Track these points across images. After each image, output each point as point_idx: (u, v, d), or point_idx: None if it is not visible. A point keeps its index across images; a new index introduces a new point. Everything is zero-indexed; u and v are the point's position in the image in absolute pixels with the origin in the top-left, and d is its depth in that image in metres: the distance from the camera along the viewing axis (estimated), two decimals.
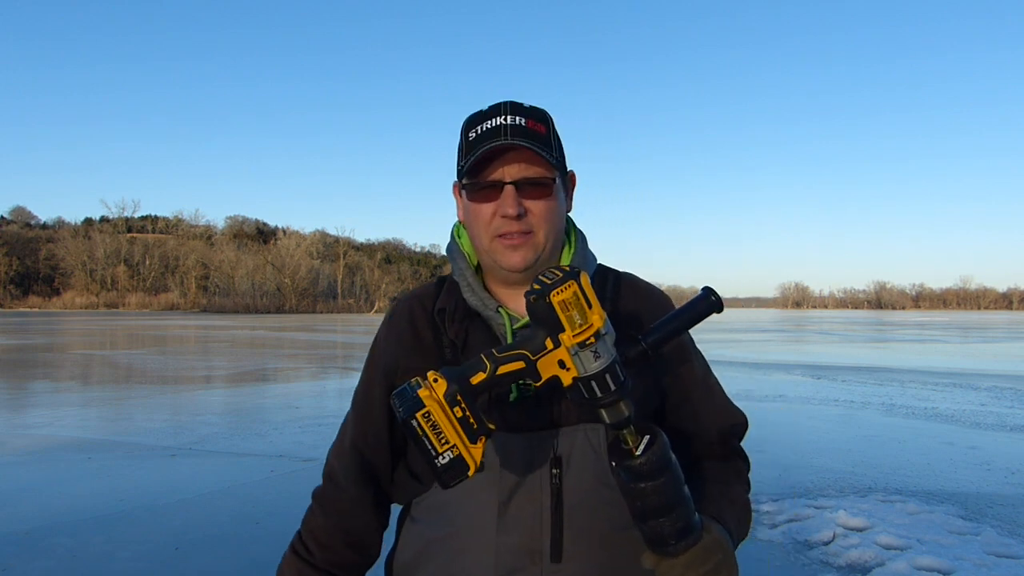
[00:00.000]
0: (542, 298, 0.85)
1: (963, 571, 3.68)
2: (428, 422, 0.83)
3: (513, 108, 1.10)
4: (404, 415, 0.83)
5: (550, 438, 1.07)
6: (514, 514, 1.05)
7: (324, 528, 1.22)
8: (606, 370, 0.87)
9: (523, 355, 0.88)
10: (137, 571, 3.71)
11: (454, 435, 0.84)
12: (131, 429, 7.81)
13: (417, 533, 1.15)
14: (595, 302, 0.86)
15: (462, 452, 0.84)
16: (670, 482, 0.90)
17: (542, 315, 0.86)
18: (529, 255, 1.10)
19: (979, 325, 49.94)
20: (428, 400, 0.83)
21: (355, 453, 1.22)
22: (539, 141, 1.08)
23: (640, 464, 0.89)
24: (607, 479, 1.05)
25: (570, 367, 0.88)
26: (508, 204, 1.07)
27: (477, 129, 1.09)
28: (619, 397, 0.88)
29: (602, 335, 0.87)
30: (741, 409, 1.28)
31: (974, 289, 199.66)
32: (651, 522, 0.91)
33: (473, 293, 1.15)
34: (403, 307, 1.23)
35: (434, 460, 0.84)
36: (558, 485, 1.05)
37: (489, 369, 0.87)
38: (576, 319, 0.85)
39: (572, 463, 1.06)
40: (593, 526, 1.06)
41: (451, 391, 0.84)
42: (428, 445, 0.83)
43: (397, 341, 1.19)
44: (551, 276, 0.87)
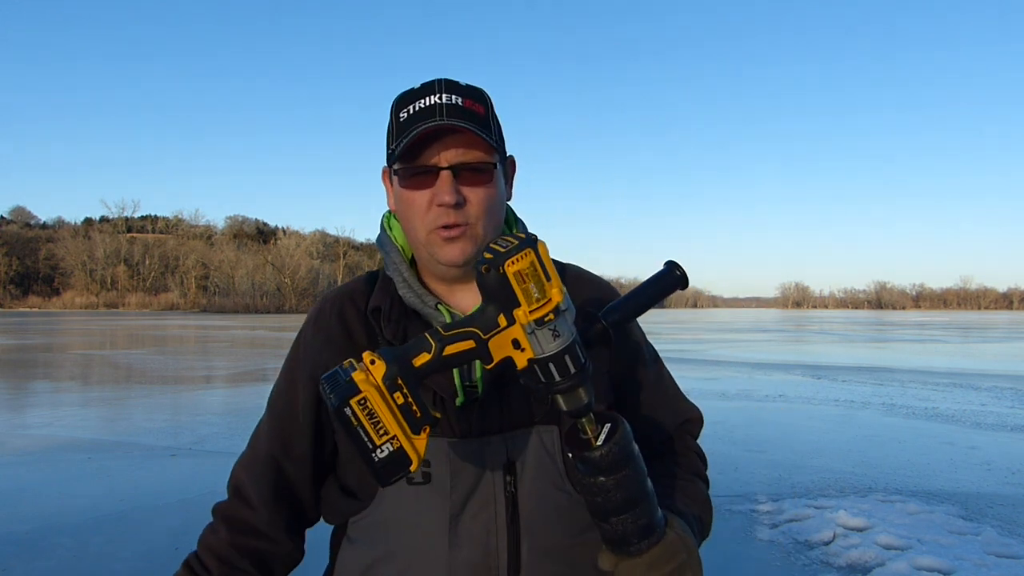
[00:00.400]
0: (495, 268, 0.75)
1: (963, 571, 3.68)
2: (364, 410, 0.72)
3: (448, 86, 1.00)
4: (336, 402, 0.72)
5: (501, 443, 0.98)
6: (466, 527, 0.97)
7: (227, 545, 1.08)
8: (565, 351, 0.78)
9: (473, 333, 0.78)
10: (137, 571, 3.71)
11: (394, 425, 0.74)
12: (131, 429, 7.81)
13: (356, 555, 1.04)
14: (554, 275, 0.77)
15: (403, 444, 0.74)
16: (632, 476, 0.82)
17: (494, 288, 0.76)
18: (468, 248, 1.00)
19: (979, 325, 49.95)
20: (364, 384, 0.72)
21: (271, 467, 1.09)
22: (477, 122, 0.98)
23: (600, 456, 0.81)
24: (563, 485, 1.00)
25: (525, 347, 0.78)
26: (445, 191, 0.97)
27: (409, 109, 0.99)
28: (579, 382, 0.80)
29: (562, 311, 0.77)
30: (696, 405, 1.21)
31: (974, 289, 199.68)
32: (612, 519, 0.83)
33: (410, 289, 1.06)
34: (332, 305, 1.11)
35: (371, 454, 0.73)
36: (512, 493, 0.97)
37: (435, 349, 0.77)
38: (533, 292, 0.75)
39: (526, 469, 0.99)
40: (551, 536, 0.99)
41: (391, 374, 0.74)
42: (364, 437, 0.73)
43: (326, 341, 1.07)
44: (505, 244, 0.76)
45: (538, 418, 1.01)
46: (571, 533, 1.00)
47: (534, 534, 0.98)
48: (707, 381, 12.11)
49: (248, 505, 1.09)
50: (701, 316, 78.34)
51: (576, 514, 1.00)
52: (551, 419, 1.01)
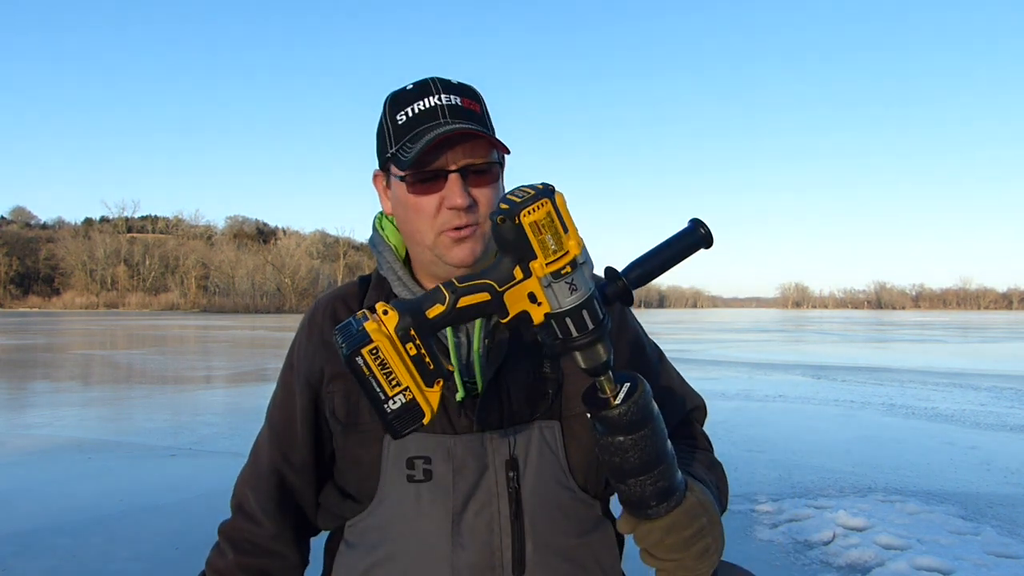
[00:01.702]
0: (510, 219, 0.72)
1: (963, 571, 3.68)
2: (376, 360, 0.70)
3: (444, 86, 0.98)
4: (347, 351, 0.70)
5: (503, 438, 0.97)
6: (469, 525, 0.95)
7: (235, 567, 1.08)
8: (583, 305, 0.75)
9: (488, 285, 0.75)
10: (137, 571, 3.71)
11: (406, 376, 0.72)
12: (131, 429, 7.81)
13: (355, 559, 1.02)
14: (572, 226, 0.74)
15: (415, 396, 0.72)
16: (651, 436, 0.80)
17: (510, 239, 0.73)
18: (477, 248, 1.00)
19: (979, 325, 49.94)
20: (376, 334, 0.70)
21: (273, 478, 1.09)
22: (477, 122, 0.98)
23: (620, 415, 0.78)
24: (566, 481, 0.99)
25: (542, 301, 0.76)
26: (457, 195, 0.96)
27: (407, 111, 0.97)
28: (597, 336, 0.77)
29: (579, 264, 0.75)
30: (699, 393, 1.21)
31: (974, 289, 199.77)
32: (629, 480, 0.80)
33: (405, 288, 1.05)
34: (325, 309, 1.10)
35: (383, 404, 0.72)
36: (516, 489, 0.96)
37: (448, 301, 0.74)
38: (550, 244, 0.73)
39: (529, 464, 0.97)
40: (555, 533, 0.98)
41: (403, 324, 0.72)
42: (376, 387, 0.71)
43: (320, 345, 1.07)
44: (521, 194, 0.74)
45: (539, 413, 1.00)
46: (575, 531, 0.99)
47: (538, 531, 0.97)
48: (707, 381, 12.11)
49: (253, 521, 1.09)
50: (701, 316, 78.34)
51: (580, 511, 1.00)
52: (552, 414, 1.00)
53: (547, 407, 1.00)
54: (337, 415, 1.04)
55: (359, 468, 1.03)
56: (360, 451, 1.02)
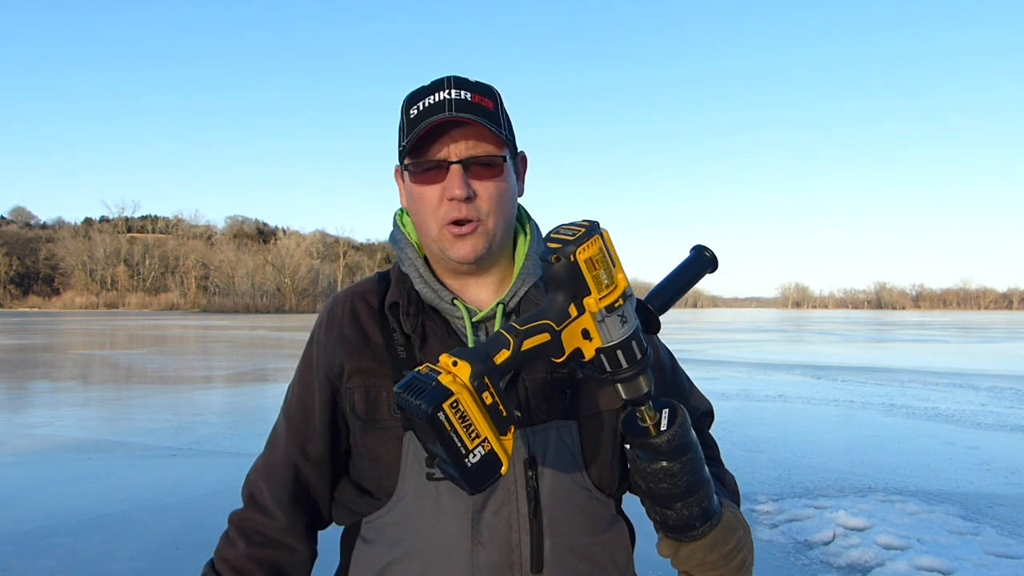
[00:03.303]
0: (565, 257, 0.72)
1: (963, 571, 3.68)
2: (456, 413, 0.68)
3: (458, 83, 0.99)
4: (428, 408, 0.67)
5: (522, 437, 0.98)
6: (488, 523, 0.96)
7: (245, 558, 1.06)
8: (632, 336, 0.77)
9: (547, 326, 0.75)
10: (137, 571, 3.71)
11: (485, 426, 0.70)
12: (131, 429, 7.82)
13: (373, 556, 1.01)
14: (618, 260, 0.75)
15: (494, 446, 0.70)
16: (695, 459, 0.82)
17: (565, 277, 0.74)
18: (480, 245, 1.00)
19: (979, 325, 49.96)
20: (454, 386, 0.68)
21: (288, 471, 1.08)
22: (486, 116, 0.98)
23: (666, 441, 0.79)
24: (583, 481, 1.00)
25: (594, 336, 0.76)
26: (456, 184, 0.96)
27: (419, 106, 0.99)
28: (642, 368, 0.78)
29: (629, 296, 0.76)
30: (707, 398, 1.23)
31: (974, 289, 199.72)
32: (677, 505, 0.82)
33: (426, 284, 1.05)
34: (344, 304, 1.10)
35: (463, 459, 0.69)
36: (535, 488, 0.97)
37: (513, 345, 0.73)
38: (603, 279, 0.74)
39: (547, 464, 0.98)
40: (573, 532, 0.99)
41: (478, 373, 0.70)
42: (457, 442, 0.68)
43: (340, 341, 1.06)
44: (571, 232, 0.74)
45: (556, 413, 1.00)
46: (591, 530, 1.00)
47: (556, 530, 0.98)
48: (707, 381, 12.11)
49: (265, 513, 1.08)
50: (701, 316, 78.38)
51: (596, 511, 1.01)
52: (569, 414, 1.01)
53: (564, 407, 1.00)
54: (357, 411, 1.04)
55: (378, 465, 1.02)
56: (379, 448, 1.02)
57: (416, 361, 1.01)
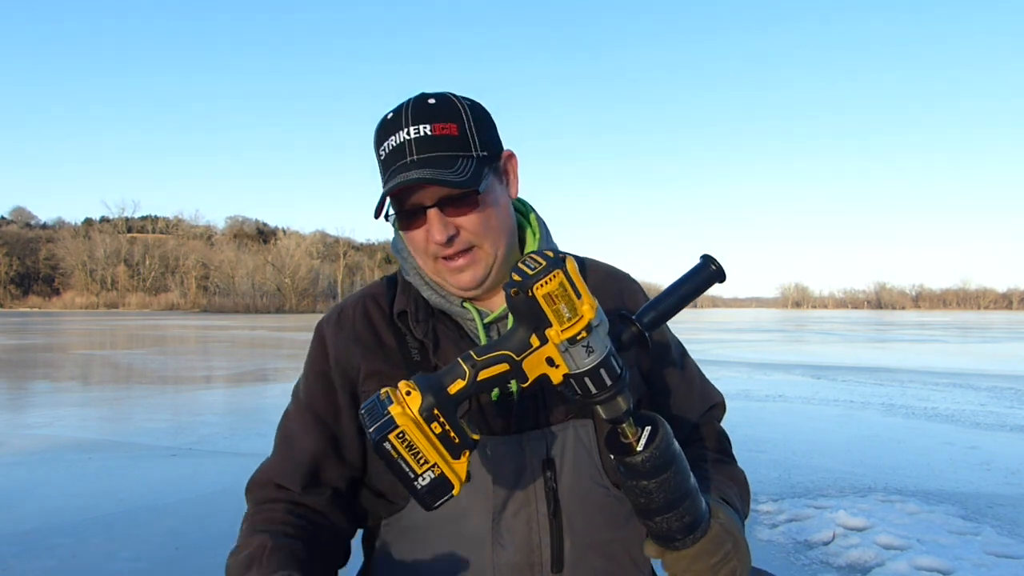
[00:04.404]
0: (523, 291, 0.75)
1: (963, 571, 3.68)
2: (403, 443, 0.73)
3: (415, 113, 0.97)
4: (376, 436, 0.73)
5: (539, 439, 0.98)
6: (509, 524, 0.96)
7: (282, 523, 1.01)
8: (600, 365, 0.78)
9: (506, 356, 0.78)
10: (137, 571, 3.71)
11: (433, 453, 0.75)
12: (131, 429, 7.82)
13: (393, 557, 1.02)
14: (584, 291, 0.76)
15: (444, 471, 0.75)
16: (675, 476, 0.82)
17: (524, 310, 0.76)
18: (479, 272, 1.01)
19: (979, 325, 49.95)
20: (401, 419, 0.73)
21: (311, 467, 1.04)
22: (451, 147, 0.96)
23: (643, 461, 0.81)
24: (601, 479, 1.00)
25: (559, 364, 0.79)
26: (436, 230, 0.97)
27: (385, 147, 0.98)
28: (616, 392, 0.79)
29: (594, 327, 0.77)
30: (718, 389, 1.24)
31: (974, 289, 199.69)
32: (656, 519, 0.84)
33: (433, 291, 1.05)
34: (355, 307, 1.10)
35: (413, 483, 0.75)
36: (553, 488, 0.97)
37: (469, 375, 0.77)
38: (564, 312, 0.75)
39: (565, 463, 0.99)
40: (592, 531, 0.99)
41: (427, 405, 0.75)
42: (405, 467, 0.74)
43: (354, 341, 1.06)
44: (533, 265, 0.76)
45: (573, 413, 1.01)
46: (611, 528, 1.01)
47: (576, 529, 0.98)
48: None
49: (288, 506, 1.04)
50: (701, 316, 78.35)
51: (615, 508, 1.02)
52: (586, 413, 1.02)
53: (580, 406, 1.00)
54: None
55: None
56: None
57: (431, 365, 1.01)
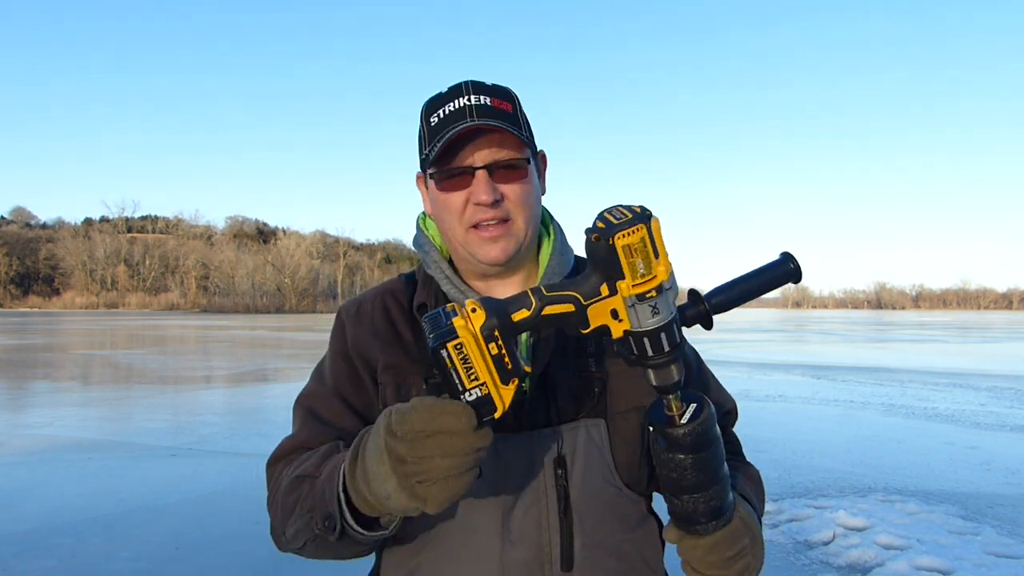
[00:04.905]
0: (604, 239, 0.75)
1: (963, 571, 3.68)
2: (459, 355, 0.74)
3: (475, 87, 1.01)
4: (434, 343, 0.74)
5: (551, 437, 0.98)
6: (519, 523, 0.96)
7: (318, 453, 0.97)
8: (662, 328, 0.78)
9: (574, 298, 0.78)
10: (137, 571, 3.71)
11: (485, 372, 0.75)
12: (131, 429, 7.82)
13: (405, 552, 1.01)
14: (663, 252, 0.76)
15: (491, 391, 0.76)
16: (712, 458, 0.83)
17: (601, 257, 0.76)
18: (510, 246, 1.01)
19: (979, 325, 49.96)
20: (462, 331, 0.74)
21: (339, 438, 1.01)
22: (507, 120, 0.99)
23: (683, 434, 0.81)
24: (613, 479, 1.00)
25: (623, 318, 0.78)
26: (482, 190, 0.98)
27: (439, 113, 1.00)
28: (672, 359, 0.79)
29: (665, 290, 0.77)
30: (732, 396, 1.24)
31: (974, 289, 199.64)
32: (684, 497, 0.84)
33: (453, 285, 1.06)
34: (374, 300, 1.11)
35: (460, 395, 0.76)
36: (564, 487, 0.97)
37: (534, 307, 0.77)
38: (639, 267, 0.75)
39: (576, 462, 0.99)
40: (603, 531, 0.99)
41: (489, 325, 0.75)
42: (455, 379, 0.75)
43: (372, 333, 1.06)
44: (619, 215, 0.76)
45: (585, 411, 1.01)
46: (622, 528, 1.01)
47: (586, 528, 0.98)
48: None
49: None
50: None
51: (627, 509, 1.02)
52: (598, 412, 1.01)
53: (593, 405, 1.01)
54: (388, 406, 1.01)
55: None
56: None
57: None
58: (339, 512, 0.84)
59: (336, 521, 0.85)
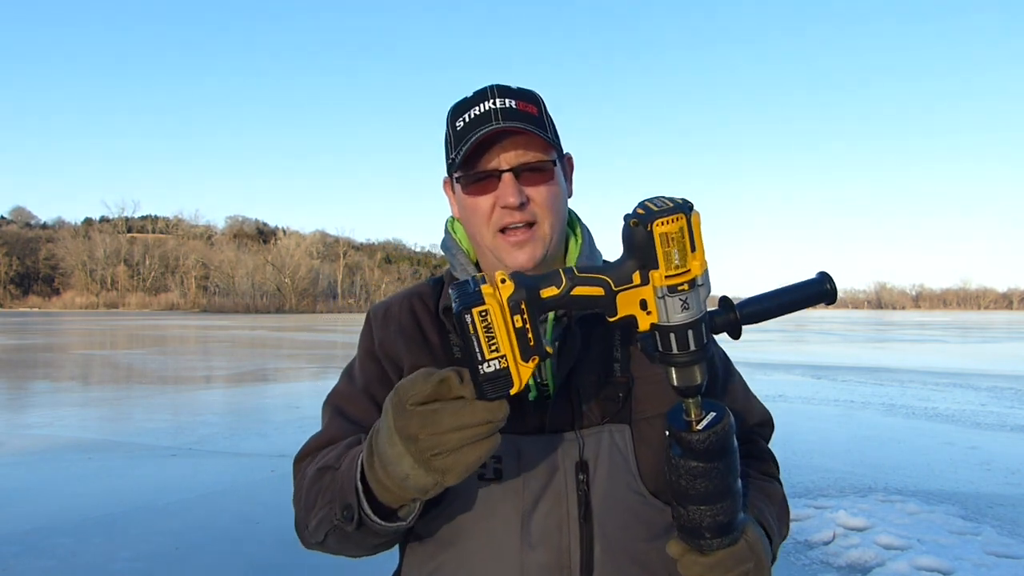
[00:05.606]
0: (643, 225, 0.74)
1: (963, 571, 3.68)
2: (483, 322, 0.73)
3: (501, 91, 1.01)
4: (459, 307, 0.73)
5: (574, 440, 0.97)
6: (539, 526, 0.95)
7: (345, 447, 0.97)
8: (690, 325, 0.76)
9: (605, 282, 0.76)
10: (137, 571, 3.71)
11: (507, 344, 0.74)
12: (131, 429, 7.82)
13: (426, 553, 1.02)
14: (700, 246, 0.75)
15: (510, 365, 0.74)
16: (725, 469, 0.80)
17: (637, 244, 0.75)
18: (537, 251, 1.01)
19: (979, 325, 49.97)
20: (489, 298, 0.73)
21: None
22: (532, 123, 1.00)
23: (698, 440, 0.79)
24: (636, 486, 0.99)
25: (652, 310, 0.76)
26: (509, 193, 0.98)
27: (465, 117, 1.01)
28: (697, 360, 0.77)
29: (697, 285, 0.75)
30: (766, 408, 1.20)
31: (974, 289, 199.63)
32: (691, 507, 0.82)
33: None
34: (401, 303, 1.12)
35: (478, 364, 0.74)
36: (585, 492, 0.96)
37: (564, 286, 0.76)
38: (674, 258, 0.74)
39: (599, 467, 0.97)
40: (624, 538, 0.97)
41: (516, 297, 0.74)
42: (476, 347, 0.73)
43: (399, 334, 1.07)
44: (660, 204, 0.75)
45: (609, 417, 1.00)
46: (644, 536, 0.99)
47: (607, 534, 0.96)
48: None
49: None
50: None
51: (649, 517, 1.00)
52: (622, 418, 1.00)
53: (617, 411, 1.00)
54: None
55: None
56: None
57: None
58: (357, 502, 0.84)
59: (354, 511, 0.84)
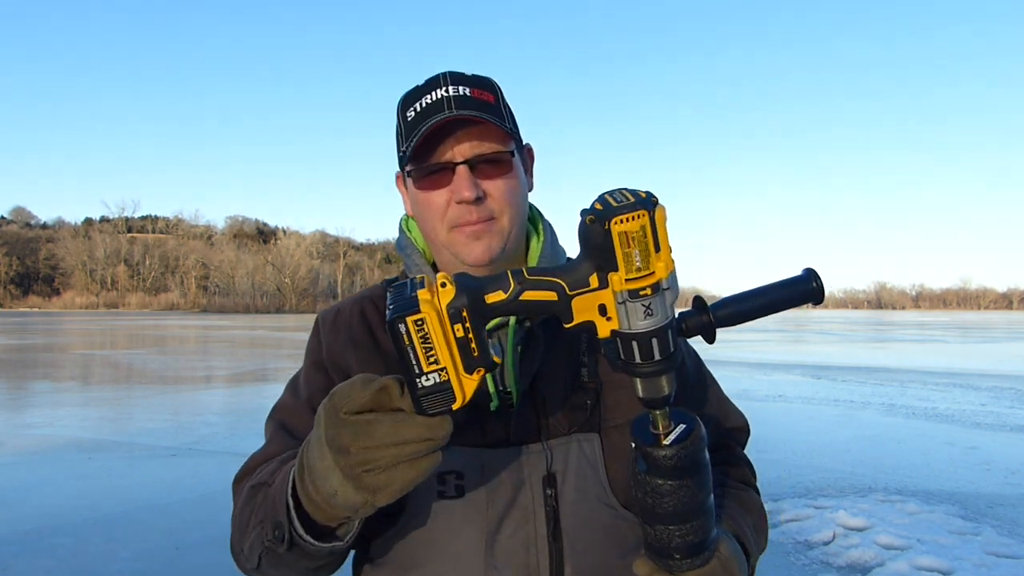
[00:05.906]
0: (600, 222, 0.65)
1: (963, 571, 3.68)
2: (420, 331, 0.65)
3: (454, 78, 0.94)
4: (392, 315, 0.65)
5: (540, 452, 0.91)
6: (505, 545, 0.89)
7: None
8: (654, 333, 0.68)
9: (558, 285, 0.69)
10: (137, 571, 3.71)
11: (447, 356, 0.67)
12: (131, 429, 7.82)
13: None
14: (665, 246, 0.67)
15: (451, 378, 0.67)
16: (695, 487, 0.73)
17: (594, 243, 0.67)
18: (495, 244, 0.93)
19: (979, 325, 49.97)
20: (426, 305, 0.66)
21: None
22: (489, 111, 0.92)
23: (664, 456, 0.72)
24: (607, 498, 0.93)
25: (612, 316, 0.69)
26: (464, 187, 0.90)
27: (416, 106, 0.93)
28: (663, 370, 0.70)
29: (662, 289, 0.67)
30: (742, 412, 1.15)
31: (974, 289, 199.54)
32: (658, 527, 0.75)
33: None
34: (352, 308, 1.04)
35: (415, 378, 0.67)
36: (554, 507, 0.89)
37: (511, 291, 0.68)
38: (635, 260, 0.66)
39: (568, 480, 0.91)
40: (596, 554, 0.91)
41: (457, 303, 0.66)
42: (412, 359, 0.66)
43: (348, 342, 1.00)
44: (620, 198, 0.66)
45: (577, 425, 0.94)
46: (617, 552, 0.93)
47: (578, 551, 0.90)
48: None
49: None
50: None
51: (622, 531, 0.94)
52: (591, 426, 0.95)
53: (585, 419, 0.94)
54: None
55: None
56: None
57: None
58: (288, 520, 0.76)
59: (284, 530, 0.77)
